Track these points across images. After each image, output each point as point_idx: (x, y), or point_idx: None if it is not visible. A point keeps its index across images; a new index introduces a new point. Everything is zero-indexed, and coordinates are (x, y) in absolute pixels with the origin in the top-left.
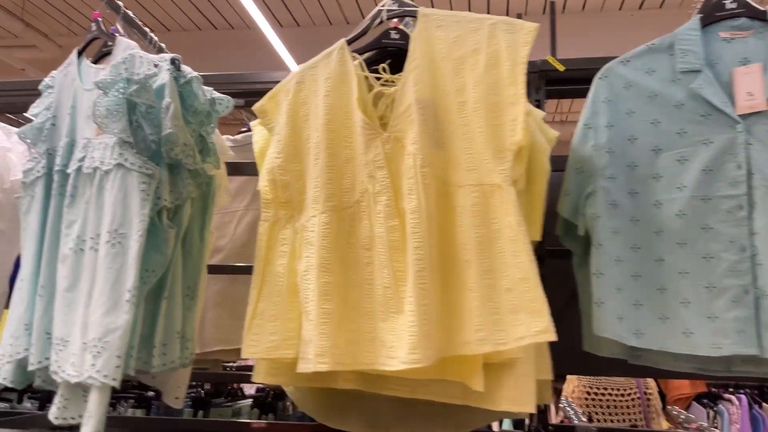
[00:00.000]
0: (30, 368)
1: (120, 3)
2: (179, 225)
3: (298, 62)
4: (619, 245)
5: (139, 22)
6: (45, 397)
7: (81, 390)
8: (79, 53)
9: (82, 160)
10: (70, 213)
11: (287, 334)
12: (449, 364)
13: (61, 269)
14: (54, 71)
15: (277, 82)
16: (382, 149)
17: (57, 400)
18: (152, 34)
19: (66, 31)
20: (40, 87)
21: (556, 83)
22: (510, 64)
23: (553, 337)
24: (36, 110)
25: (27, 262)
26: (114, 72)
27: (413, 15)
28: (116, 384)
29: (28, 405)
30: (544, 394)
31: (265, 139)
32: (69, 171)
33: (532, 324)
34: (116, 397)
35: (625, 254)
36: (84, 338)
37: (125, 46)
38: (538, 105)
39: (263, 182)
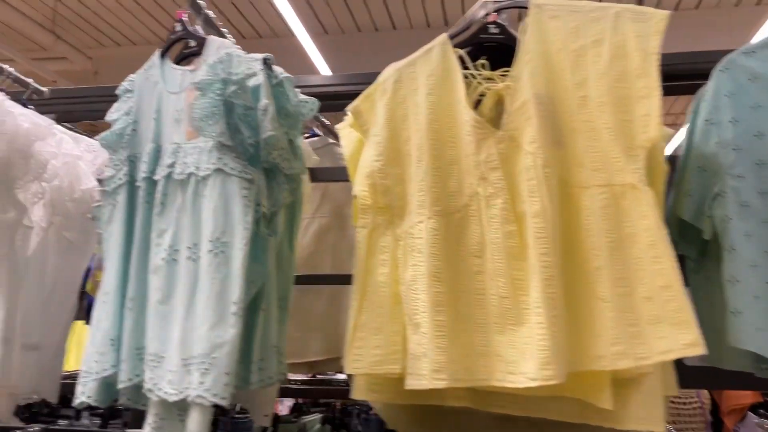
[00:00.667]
0: (120, 386)
1: (202, 2)
2: (275, 233)
3: (332, 69)
4: (753, 249)
5: (218, 24)
6: (108, 414)
7: (176, 409)
8: (162, 55)
9: (171, 166)
10: (161, 222)
11: (392, 348)
12: (573, 380)
13: (153, 281)
14: (132, 75)
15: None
16: (495, 149)
17: (151, 420)
18: (230, 36)
19: (95, 43)
20: (118, 91)
21: None
22: (640, 55)
23: (702, 349)
24: (114, 115)
25: (111, 273)
26: (211, 72)
27: (524, 6)
28: (225, 403)
29: (86, 422)
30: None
31: (354, 143)
32: (156, 178)
33: (679, 336)
34: None
35: (760, 259)
36: (183, 354)
37: (218, 45)
38: None
39: (361, 187)
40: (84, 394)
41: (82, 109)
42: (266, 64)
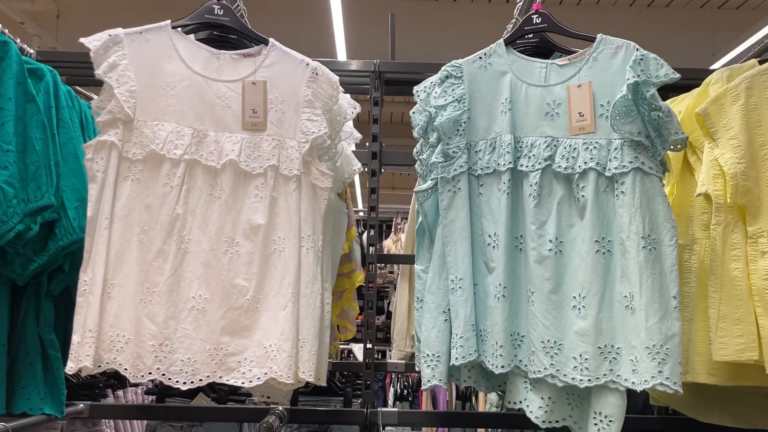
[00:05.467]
0: (498, 371)
1: None
2: None
3: None
4: None
5: None
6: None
7: (565, 393)
8: (507, 43)
9: (549, 159)
10: (540, 213)
11: (751, 337)
12: None
13: (538, 270)
14: (457, 60)
15: None
16: None
17: (543, 404)
18: None
19: None
20: (439, 76)
21: None
22: None
23: None
24: (440, 101)
25: (462, 260)
26: (632, 72)
27: None
28: (680, 391)
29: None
30: None
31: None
32: (523, 169)
33: None
34: None
35: None
36: (597, 342)
37: (617, 44)
38: None
39: (715, 186)
40: (435, 377)
41: None
42: None
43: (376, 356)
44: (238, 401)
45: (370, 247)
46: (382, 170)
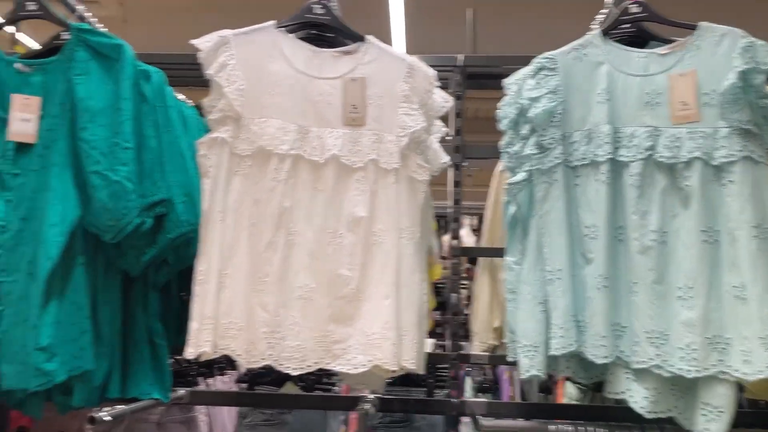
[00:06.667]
0: (600, 361)
1: None
2: None
3: None
4: None
5: None
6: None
7: (669, 384)
8: (604, 33)
9: (651, 149)
10: (641, 203)
11: None
12: None
13: (641, 261)
14: (549, 52)
15: None
16: None
17: (648, 394)
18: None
19: None
20: (532, 68)
21: None
22: None
23: None
24: (534, 93)
25: (559, 251)
26: (742, 59)
27: None
28: None
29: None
30: None
31: None
32: (623, 159)
33: None
34: None
35: None
36: (705, 333)
37: (722, 32)
38: None
39: None
40: (534, 367)
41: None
42: None
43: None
44: (324, 390)
45: (453, 240)
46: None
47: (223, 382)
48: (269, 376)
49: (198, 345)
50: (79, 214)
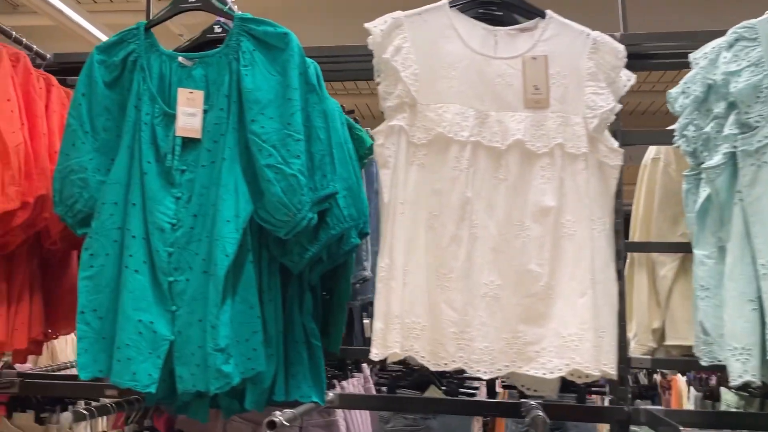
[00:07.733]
0: None
1: None
2: None
3: None
4: None
5: None
6: None
7: None
8: None
9: None
10: None
11: None
12: None
13: None
14: (748, 21)
15: None
16: None
17: None
18: None
19: None
20: (728, 39)
21: None
22: None
23: None
24: (734, 66)
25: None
26: None
27: None
28: None
29: None
30: None
31: None
32: None
33: None
34: None
35: None
36: None
37: None
38: None
39: None
40: (748, 372)
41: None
42: None
43: None
44: (469, 394)
45: None
46: None
47: (353, 385)
48: (408, 379)
49: (386, 346)
50: (251, 209)
